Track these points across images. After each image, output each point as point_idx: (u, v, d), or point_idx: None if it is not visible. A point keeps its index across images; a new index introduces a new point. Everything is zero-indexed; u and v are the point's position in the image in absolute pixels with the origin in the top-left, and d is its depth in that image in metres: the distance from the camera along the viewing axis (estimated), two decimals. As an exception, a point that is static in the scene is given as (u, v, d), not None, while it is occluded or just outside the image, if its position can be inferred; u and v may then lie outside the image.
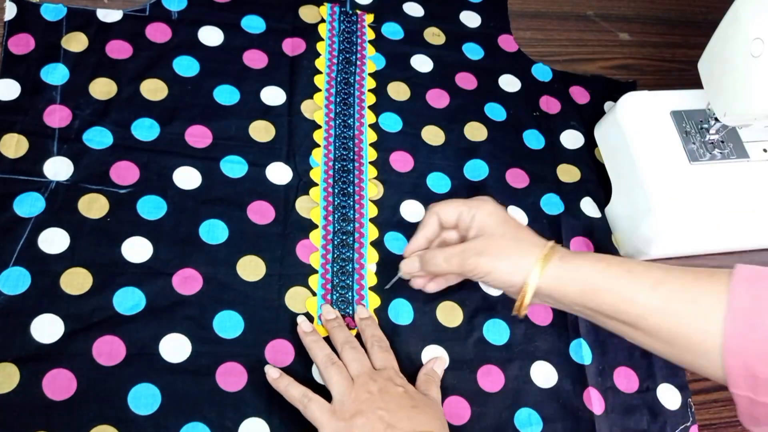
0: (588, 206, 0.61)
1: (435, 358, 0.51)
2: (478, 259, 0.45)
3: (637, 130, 0.58)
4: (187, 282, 0.50)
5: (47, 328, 0.46)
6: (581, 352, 0.54)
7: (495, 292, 0.55)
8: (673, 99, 0.60)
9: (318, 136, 0.59)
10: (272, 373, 0.46)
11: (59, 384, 0.45)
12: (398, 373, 0.46)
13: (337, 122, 0.60)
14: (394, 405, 0.42)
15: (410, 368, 0.50)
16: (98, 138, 0.54)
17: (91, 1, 0.61)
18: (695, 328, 0.40)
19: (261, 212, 0.54)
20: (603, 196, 0.62)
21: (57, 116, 0.54)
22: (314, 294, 0.52)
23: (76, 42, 0.58)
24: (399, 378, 0.46)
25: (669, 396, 0.54)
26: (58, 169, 0.52)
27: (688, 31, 0.75)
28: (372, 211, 0.56)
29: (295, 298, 0.51)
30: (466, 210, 0.47)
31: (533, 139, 0.64)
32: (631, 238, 0.58)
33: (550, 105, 0.66)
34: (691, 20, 0.76)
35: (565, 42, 0.71)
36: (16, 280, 0.47)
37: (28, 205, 0.50)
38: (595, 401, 0.52)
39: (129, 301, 0.48)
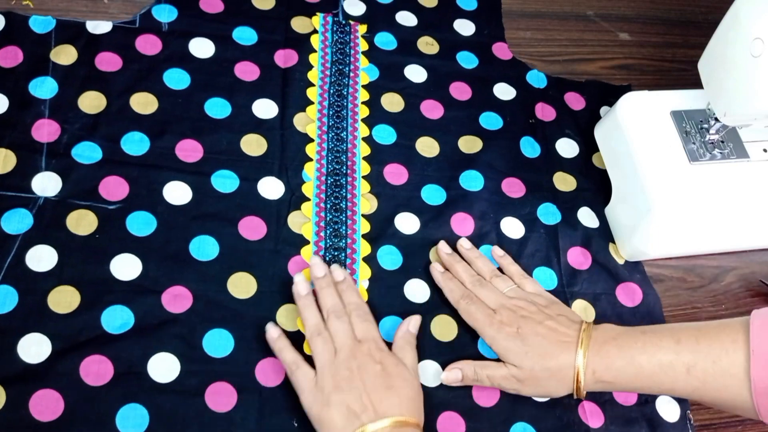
0: (585, 216, 0.61)
1: (409, 318, 0.51)
2: (520, 387, 0.49)
3: (637, 130, 0.58)
4: (177, 300, 0.49)
5: (34, 348, 0.45)
6: (577, 366, 0.53)
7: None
8: (673, 99, 0.60)
9: (311, 149, 0.58)
10: (272, 333, 0.48)
11: (46, 405, 0.44)
12: (378, 345, 0.48)
13: (330, 135, 0.59)
14: (370, 385, 0.45)
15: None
16: (87, 153, 0.53)
17: (91, 1, 0.60)
18: (732, 394, 0.46)
19: (252, 228, 0.53)
20: (600, 205, 0.62)
21: (45, 131, 0.53)
22: (306, 311, 0.51)
23: (65, 55, 0.57)
24: (378, 352, 0.47)
25: (668, 408, 0.53)
26: (47, 184, 0.51)
27: (688, 31, 0.74)
28: (365, 227, 0.55)
29: (287, 317, 0.50)
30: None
31: (528, 147, 0.63)
32: (631, 238, 0.58)
33: (545, 112, 0.66)
34: (691, 20, 0.75)
35: (565, 42, 0.71)
36: (3, 299, 0.47)
37: (16, 221, 0.49)
38: (592, 415, 0.51)
39: (117, 319, 0.47)
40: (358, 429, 0.43)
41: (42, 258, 0.48)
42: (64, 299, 0.47)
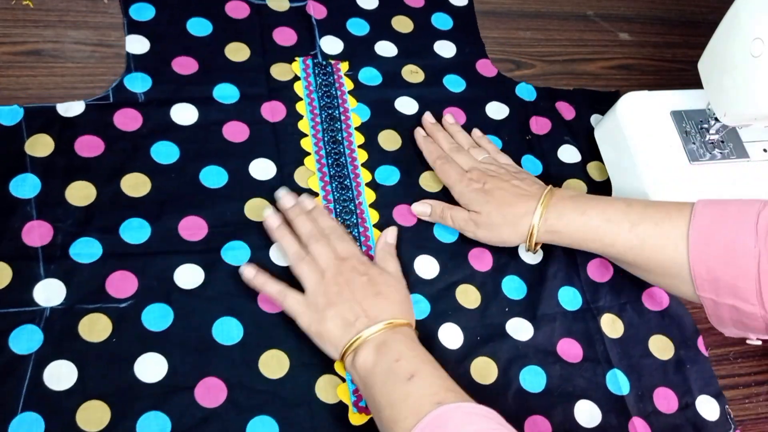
0: None
1: (386, 230, 0.55)
2: (476, 230, 0.54)
3: (637, 130, 0.58)
4: (211, 392, 0.47)
5: (72, 477, 0.43)
6: (618, 382, 0.53)
7: (524, 338, 0.54)
8: (673, 99, 0.60)
9: (316, 205, 0.56)
10: (248, 273, 0.50)
11: None
12: (360, 260, 0.51)
13: (334, 185, 0.57)
14: (360, 294, 0.48)
15: None
16: (86, 250, 0.50)
17: (91, 1, 0.59)
18: (667, 256, 0.48)
19: (273, 300, 0.51)
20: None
21: (36, 233, 0.50)
22: (344, 380, 0.49)
23: (41, 146, 0.53)
24: (362, 265, 0.50)
25: (708, 407, 0.54)
26: (50, 293, 0.48)
27: (688, 31, 0.75)
28: (388, 279, 0.54)
29: (326, 389, 0.49)
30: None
31: (531, 166, 0.62)
32: None
33: (540, 125, 0.65)
34: (691, 20, 0.76)
35: (565, 42, 0.70)
36: (28, 428, 0.44)
37: (25, 339, 0.46)
38: (641, 431, 0.51)
39: (153, 427, 0.45)
40: (355, 336, 0.46)
41: (61, 375, 0.45)
42: (93, 416, 0.44)
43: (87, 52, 0.59)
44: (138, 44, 0.60)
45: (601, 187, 0.63)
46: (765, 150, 0.59)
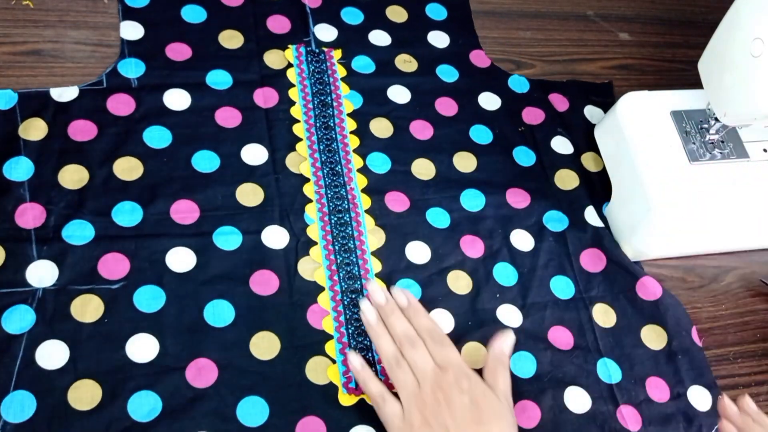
0: (592, 216, 0.61)
1: (503, 335, 0.48)
2: None
3: (637, 130, 0.58)
4: (202, 373, 0.47)
5: (63, 454, 0.43)
6: (608, 370, 0.54)
7: (514, 324, 0.54)
8: (673, 99, 0.60)
9: (308, 190, 0.56)
10: (356, 363, 0.47)
11: None
12: (463, 371, 0.46)
13: (326, 171, 0.57)
14: (459, 419, 0.43)
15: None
16: (78, 232, 0.50)
17: (91, 1, 0.59)
18: None
19: (264, 282, 0.52)
20: (602, 203, 0.62)
21: (30, 216, 0.50)
22: (334, 362, 0.50)
23: (34, 129, 0.54)
24: (465, 379, 0.45)
25: (700, 398, 0.54)
26: (42, 274, 0.48)
27: (688, 31, 0.75)
28: (376, 265, 0.54)
29: (316, 370, 0.49)
30: None
31: (523, 156, 0.63)
32: (631, 238, 0.58)
33: (533, 116, 0.65)
34: (691, 20, 0.76)
35: (565, 42, 0.71)
36: (20, 405, 0.44)
37: (18, 319, 0.47)
38: (630, 419, 0.52)
39: (145, 406, 0.45)
40: None
41: (53, 354, 0.46)
42: (84, 395, 0.45)
43: (87, 52, 0.59)
44: (132, 30, 0.60)
45: (597, 179, 0.63)
46: (765, 150, 0.59)
